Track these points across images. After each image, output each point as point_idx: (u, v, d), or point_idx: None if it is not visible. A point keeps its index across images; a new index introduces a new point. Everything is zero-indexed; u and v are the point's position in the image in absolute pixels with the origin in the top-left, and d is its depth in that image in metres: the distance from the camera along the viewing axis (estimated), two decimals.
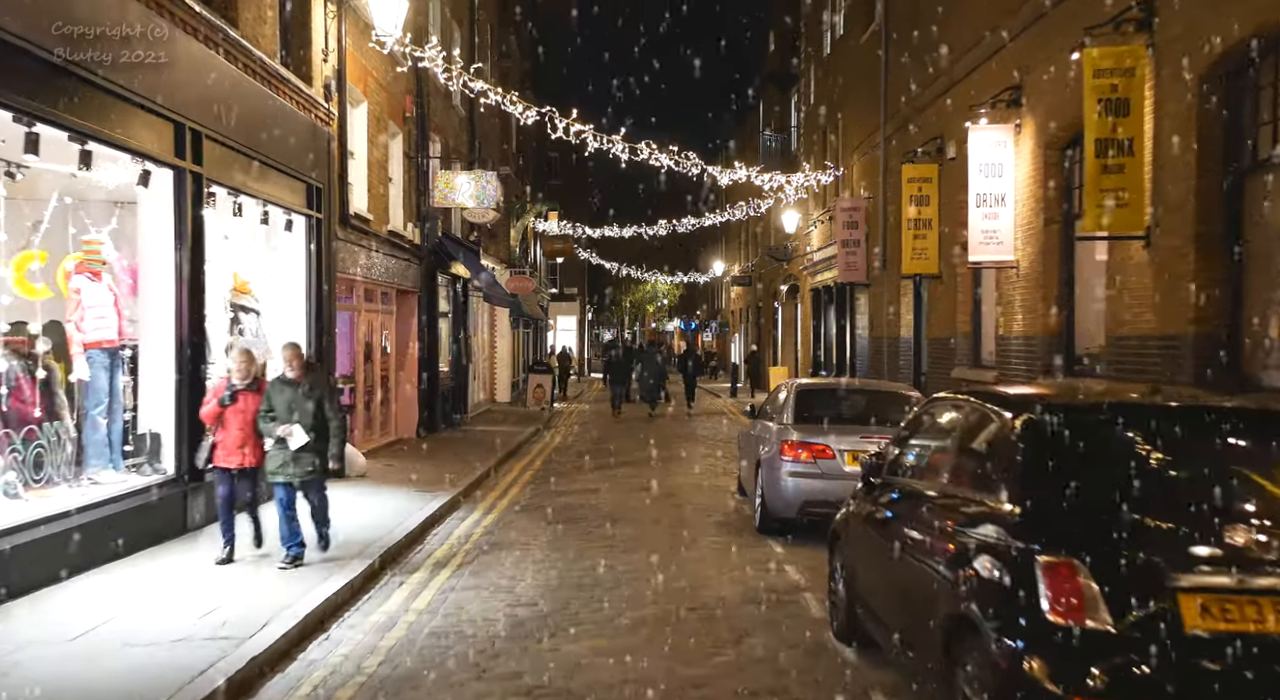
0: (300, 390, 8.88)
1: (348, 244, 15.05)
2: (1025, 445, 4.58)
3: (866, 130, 23.74)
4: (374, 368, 17.29)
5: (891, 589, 5.54)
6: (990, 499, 4.64)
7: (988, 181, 14.41)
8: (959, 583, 4.52)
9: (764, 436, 10.94)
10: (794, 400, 10.67)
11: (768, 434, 10.80)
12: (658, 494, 13.68)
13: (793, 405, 10.60)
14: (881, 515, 5.95)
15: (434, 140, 21.33)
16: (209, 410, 8.76)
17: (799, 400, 10.69)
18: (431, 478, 14.57)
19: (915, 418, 6.29)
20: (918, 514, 5.32)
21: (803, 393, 10.96)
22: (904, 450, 6.17)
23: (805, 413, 10.50)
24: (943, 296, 17.87)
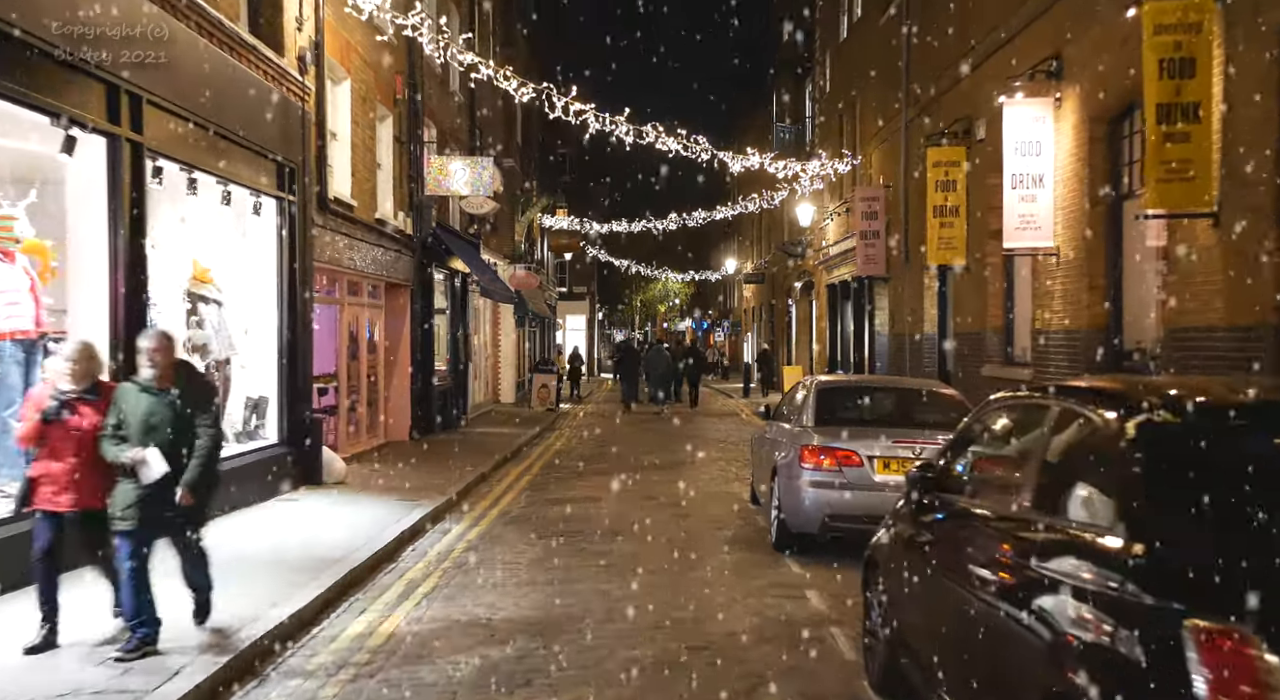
0: (165, 400, 6.15)
1: (328, 231, 13.89)
2: (1145, 458, 3.36)
3: (886, 116, 22.49)
4: (360, 366, 16.12)
5: (951, 641, 4.31)
6: (1091, 531, 3.43)
7: (1024, 161, 13.17)
8: (1057, 648, 3.31)
9: (780, 441, 9.73)
10: (814, 400, 9.43)
11: (785, 438, 9.58)
12: (663, 503, 12.48)
13: (813, 405, 9.36)
14: (935, 543, 4.73)
15: (428, 126, 20.17)
16: (26, 429, 6.15)
17: (820, 400, 9.45)
18: (418, 484, 13.39)
19: (974, 421, 5.07)
20: (987, 545, 4.10)
21: (824, 391, 9.72)
22: (961, 461, 4.94)
23: (827, 414, 9.27)
24: (971, 289, 16.62)
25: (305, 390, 12.78)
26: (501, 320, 30.91)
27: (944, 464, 5.01)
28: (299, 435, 12.42)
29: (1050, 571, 3.52)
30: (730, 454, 18.00)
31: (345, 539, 9.58)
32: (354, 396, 15.93)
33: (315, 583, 7.79)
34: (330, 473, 13.02)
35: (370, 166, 16.24)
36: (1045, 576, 3.54)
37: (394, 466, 14.96)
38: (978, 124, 16.06)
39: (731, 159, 19.74)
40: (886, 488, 8.30)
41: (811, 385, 9.85)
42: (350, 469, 14.28)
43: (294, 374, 12.36)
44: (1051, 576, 3.50)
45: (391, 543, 9.74)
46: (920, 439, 8.49)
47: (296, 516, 10.69)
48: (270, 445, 11.94)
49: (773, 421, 10.80)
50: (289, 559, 8.57)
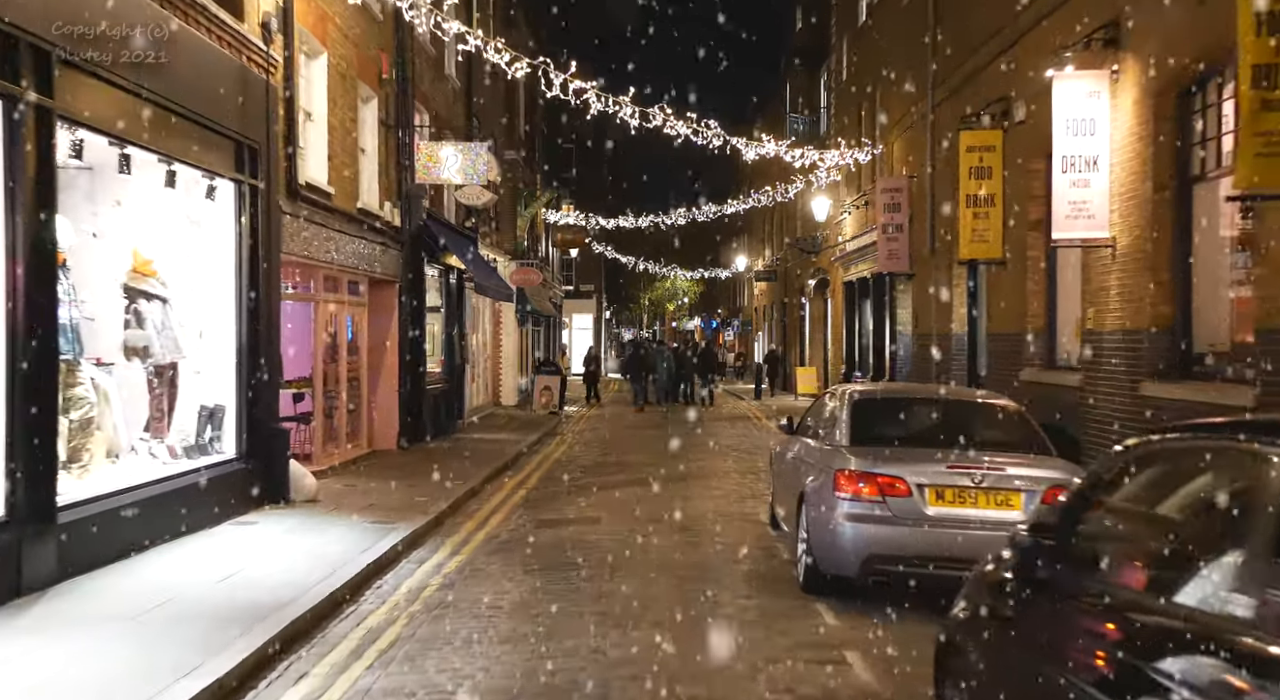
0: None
1: (300, 221, 12.51)
2: None
3: (909, 102, 21.06)
4: (339, 368, 14.75)
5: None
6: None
7: (1076, 141, 11.75)
8: None
9: (808, 461, 8.30)
10: (850, 414, 7.97)
11: (813, 458, 8.15)
12: (671, 525, 11.07)
13: (848, 421, 7.91)
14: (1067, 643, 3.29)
15: (420, 111, 18.78)
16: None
17: (857, 414, 7.99)
18: (397, 502, 12.02)
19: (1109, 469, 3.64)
20: (1173, 659, 2.66)
21: (861, 404, 8.27)
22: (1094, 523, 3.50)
23: (865, 431, 7.81)
24: (1008, 285, 15.19)
25: (270, 398, 11.40)
26: (503, 319, 29.54)
27: (1066, 525, 3.58)
28: (262, 449, 11.05)
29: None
30: (743, 464, 16.58)
31: (300, 574, 8.20)
32: (332, 402, 14.55)
33: (246, 639, 6.39)
34: (299, 490, 11.65)
35: (351, 151, 14.86)
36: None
37: (375, 480, 13.59)
38: (1017, 104, 14.62)
39: (745, 145, 18.31)
40: (942, 523, 6.89)
41: (845, 396, 8.39)
42: (324, 484, 12.89)
43: (256, 379, 10.98)
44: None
45: (355, 577, 8.36)
46: (981, 464, 7.07)
47: (248, 545, 9.31)
48: (226, 461, 10.57)
49: (796, 437, 9.37)
50: (221, 604, 7.18)
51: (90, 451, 8.44)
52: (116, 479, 8.81)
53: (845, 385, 9.01)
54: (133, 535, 8.55)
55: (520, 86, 32.73)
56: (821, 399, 9.43)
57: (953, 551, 6.73)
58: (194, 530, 9.56)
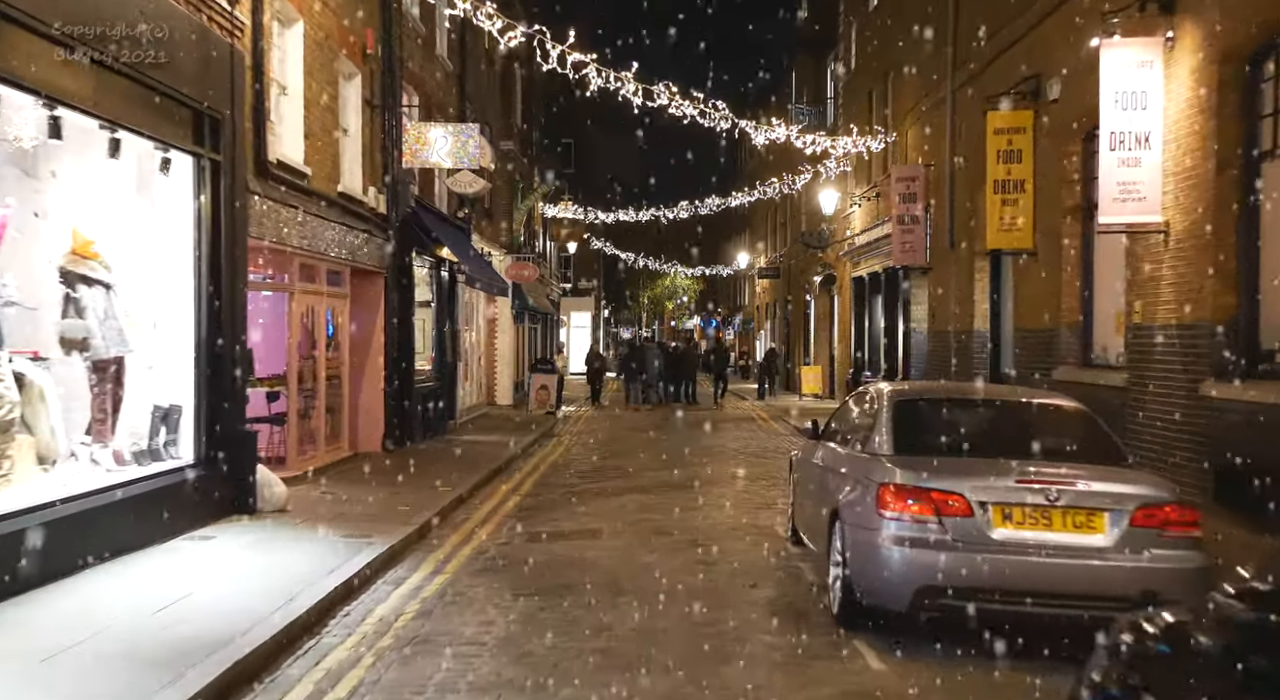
0: None
1: (271, 202, 11.40)
2: None
3: (925, 88, 19.98)
4: (318, 365, 13.63)
5: None
6: None
7: (1126, 117, 10.67)
8: None
9: (840, 471, 7.18)
10: (892, 417, 6.84)
11: (847, 468, 7.03)
12: (678, 540, 9.97)
13: (889, 425, 6.77)
14: None
15: (408, 92, 17.68)
16: None
17: (899, 417, 6.85)
18: (376, 511, 10.92)
19: None
20: None
21: (904, 405, 7.13)
22: None
23: (911, 437, 6.67)
24: (1038, 277, 14.10)
25: (235, 396, 10.30)
26: (499, 316, 28.44)
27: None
28: (225, 453, 9.94)
29: None
30: (753, 469, 15.48)
31: (254, 599, 7.11)
32: (309, 402, 13.44)
33: (173, 690, 5.29)
34: (267, 499, 10.54)
35: (331, 131, 13.75)
36: None
37: (354, 487, 12.48)
38: (1049, 82, 13.54)
39: (754, 129, 17.20)
40: (1010, 549, 5.76)
41: (882, 397, 7.24)
42: (298, 491, 11.78)
43: (218, 376, 9.88)
44: None
45: (319, 604, 7.26)
46: (1056, 477, 5.95)
47: (200, 564, 8.20)
48: (183, 467, 9.46)
49: (823, 441, 8.26)
50: (154, 640, 6.07)
51: (12, 458, 7.34)
52: (48, 490, 7.70)
53: (880, 384, 7.86)
54: (65, 554, 7.46)
55: (517, 75, 31.66)
56: (852, 400, 8.30)
57: (1024, 583, 5.64)
58: (142, 546, 8.46)
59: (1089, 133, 13.01)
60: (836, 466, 7.29)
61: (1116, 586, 5.47)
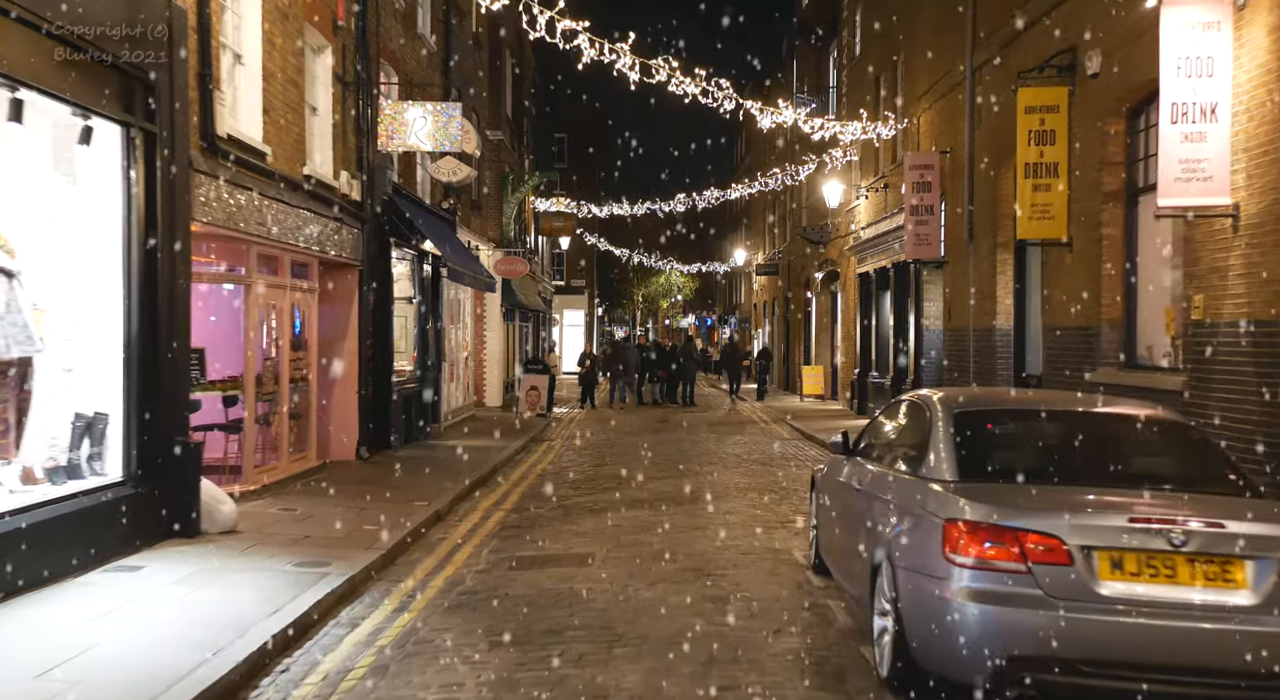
0: None
1: (223, 183, 10.09)
2: None
3: (940, 68, 18.72)
4: (280, 366, 12.32)
5: None
6: None
7: (1189, 85, 9.40)
8: None
9: (882, 496, 5.89)
10: (951, 433, 5.54)
11: (895, 495, 5.71)
12: (682, 567, 8.68)
13: (950, 442, 5.47)
14: None
15: (385, 71, 16.37)
16: None
17: (961, 433, 5.52)
18: (340, 531, 9.65)
19: None
20: None
21: (966, 418, 5.72)
22: None
23: (978, 459, 5.36)
24: (1073, 270, 12.85)
25: (175, 402, 9.01)
26: (487, 313, 27.14)
27: None
28: (162, 468, 8.66)
29: None
30: (760, 480, 14.21)
31: (169, 653, 5.83)
32: (271, 407, 12.14)
33: None
34: (213, 519, 9.25)
35: (295, 107, 12.44)
36: None
37: (319, 502, 11.20)
38: (1088, 55, 12.28)
39: (759, 111, 15.92)
40: (1125, 608, 4.48)
41: (934, 406, 5.89)
42: (254, 508, 10.52)
43: (154, 380, 8.59)
44: None
45: (253, 656, 5.99)
46: (1178, 513, 4.66)
47: (117, 605, 6.91)
48: (108, 485, 8.17)
49: (854, 457, 6.98)
50: None
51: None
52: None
53: (927, 392, 6.53)
54: None
55: (507, 64, 30.35)
56: (891, 410, 6.99)
57: (1142, 654, 4.38)
58: (51, 581, 7.18)
59: (1134, 108, 11.79)
60: (879, 492, 5.98)
61: (1267, 659, 4.20)
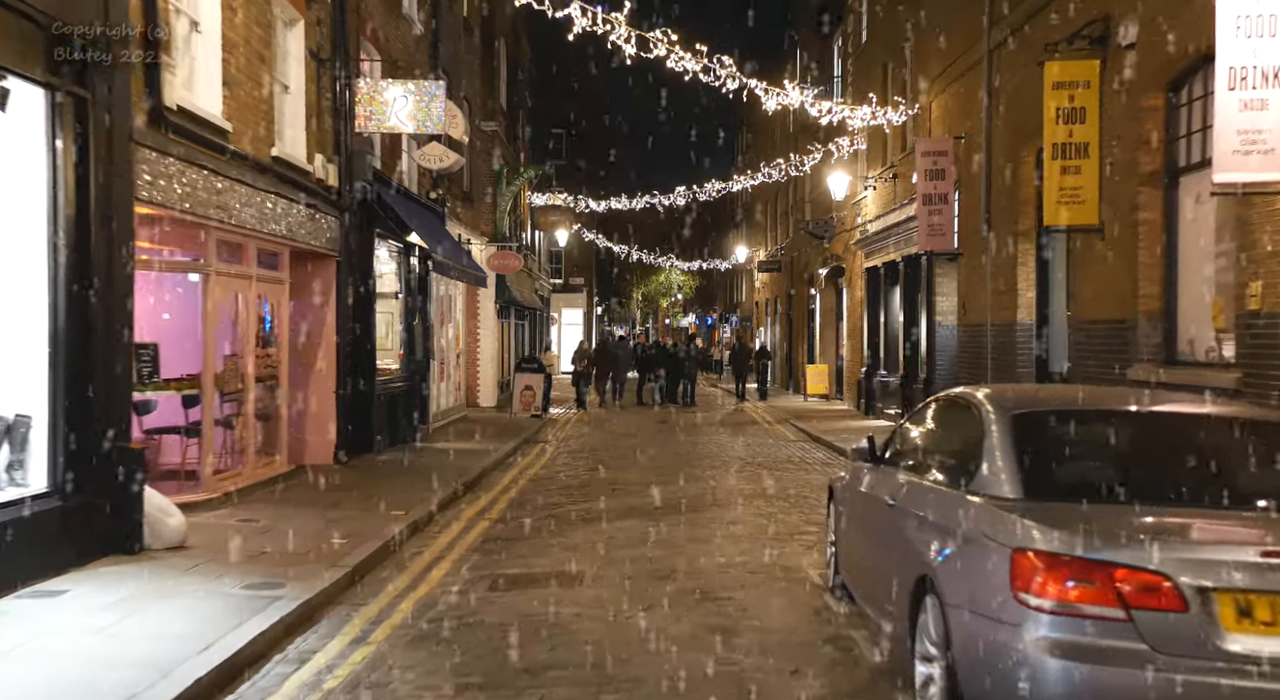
0: None
1: (174, 161, 9.11)
2: None
3: (953, 52, 17.76)
4: (245, 363, 11.33)
5: None
6: None
7: (1249, 47, 8.40)
8: None
9: (923, 514, 4.87)
10: (1011, 440, 4.54)
11: (939, 513, 4.67)
12: (684, 588, 7.69)
13: (1009, 451, 4.47)
14: None
15: (367, 49, 15.39)
16: None
17: (1023, 440, 4.52)
18: (302, 546, 8.68)
19: None
20: None
21: (1027, 422, 4.73)
22: None
23: (1045, 472, 4.36)
24: (1104, 258, 11.86)
25: (113, 405, 8.04)
26: (481, 310, 26.16)
27: None
28: (98, 477, 7.69)
29: None
30: (765, 485, 13.22)
31: None
32: (232, 408, 11.16)
33: None
34: (159, 533, 8.27)
35: (262, 83, 11.46)
36: None
37: (284, 512, 10.22)
38: (1123, 24, 11.30)
39: (764, 91, 14.94)
40: (1255, 669, 3.48)
41: (986, 407, 4.91)
42: (209, 520, 9.54)
43: (86, 379, 7.62)
44: None
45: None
46: None
47: (23, 640, 5.92)
48: (30, 497, 7.18)
49: (883, 468, 6.00)
50: None
51: None
52: None
53: (968, 390, 5.52)
54: None
55: (502, 53, 29.39)
56: (928, 412, 5.98)
57: None
58: None
59: (1175, 80, 10.81)
60: (918, 508, 4.99)
61: None
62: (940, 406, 5.75)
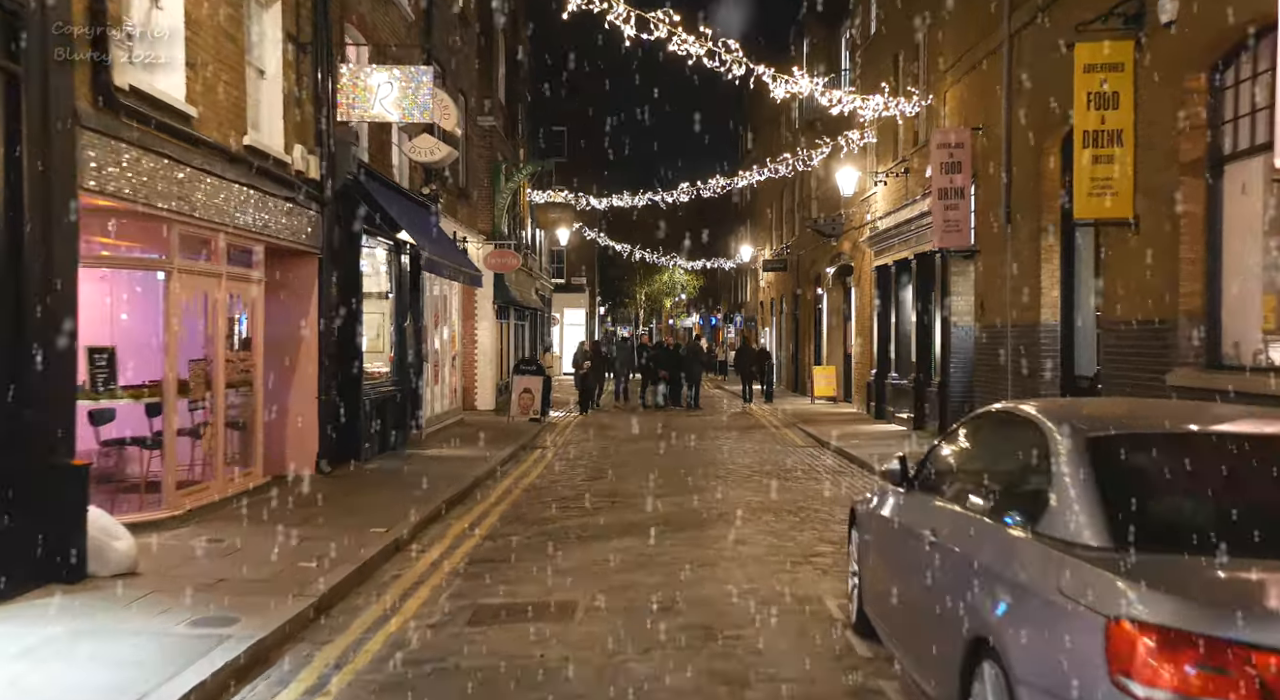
0: None
1: (127, 146, 8.30)
2: None
3: (971, 37, 16.95)
4: (215, 368, 10.50)
5: None
6: None
7: None
8: None
9: (977, 557, 4.00)
10: (1091, 472, 3.66)
11: (1001, 559, 3.73)
12: (687, 623, 6.86)
13: (1090, 487, 3.61)
14: None
15: (353, 34, 14.57)
16: None
17: (1106, 470, 3.66)
18: (268, 571, 7.88)
19: None
20: None
21: (1109, 448, 3.85)
22: None
23: (1140, 514, 3.48)
24: (1139, 254, 11.00)
25: (51, 415, 7.21)
26: (478, 311, 25.36)
27: None
28: (35, 498, 6.87)
29: None
30: (775, 497, 12.38)
31: None
32: (202, 416, 10.34)
33: None
34: (104, 558, 7.46)
35: (233, 66, 10.64)
36: None
37: (255, 530, 9.39)
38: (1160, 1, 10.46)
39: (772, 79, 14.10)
40: None
41: (1051, 427, 4.06)
42: (169, 540, 8.74)
43: (15, 387, 6.79)
44: None
45: None
46: None
47: None
48: None
49: (916, 494, 5.16)
50: None
51: None
52: None
53: (1023, 405, 4.65)
54: None
55: (500, 46, 28.60)
56: (975, 430, 5.11)
57: None
58: None
59: (1221, 60, 9.96)
60: (967, 548, 4.15)
61: None
62: (989, 423, 4.90)
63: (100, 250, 9.36)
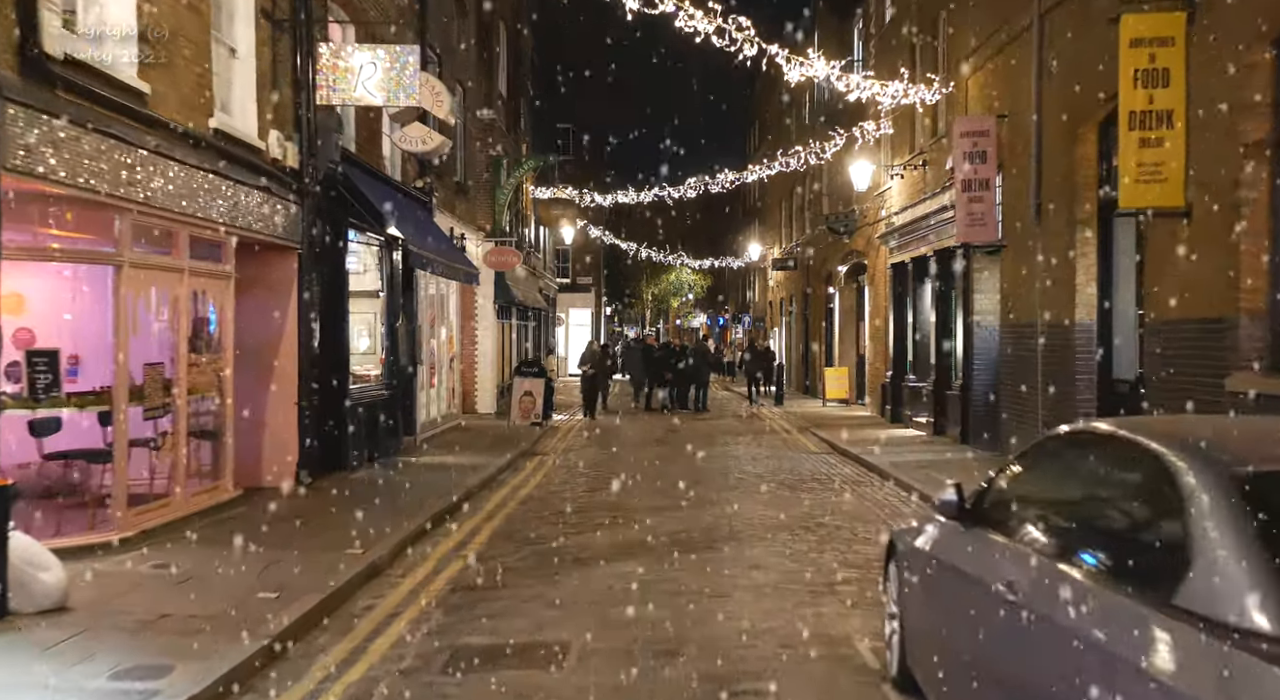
0: None
1: (63, 123, 7.36)
2: None
3: (992, 23, 15.98)
4: (177, 372, 9.55)
5: None
6: None
7: None
8: None
9: (1073, 628, 3.06)
10: (1253, 529, 2.68)
11: (1107, 635, 2.83)
12: (694, 670, 5.88)
13: (1258, 552, 2.65)
14: None
15: (339, 15, 13.63)
16: None
17: (1263, 523, 2.75)
18: (217, 606, 6.90)
19: None
20: None
21: (1261, 489, 2.86)
22: None
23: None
24: (1191, 246, 10.00)
25: None
26: (478, 311, 24.42)
27: None
28: None
29: None
30: (790, 511, 11.39)
31: None
32: (163, 425, 9.39)
33: None
34: (29, 593, 6.51)
35: (197, 40, 9.70)
36: None
37: (214, 552, 8.44)
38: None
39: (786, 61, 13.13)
40: None
41: (1176, 460, 3.00)
42: (113, 566, 7.80)
43: None
44: None
45: None
46: None
47: None
48: None
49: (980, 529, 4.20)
50: None
51: None
52: None
53: (1120, 426, 3.65)
54: None
55: (502, 35, 27.68)
56: (1050, 451, 4.10)
57: None
58: None
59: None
60: (1066, 616, 3.13)
61: None
62: (1075, 447, 3.91)
63: (49, 242, 8.45)
